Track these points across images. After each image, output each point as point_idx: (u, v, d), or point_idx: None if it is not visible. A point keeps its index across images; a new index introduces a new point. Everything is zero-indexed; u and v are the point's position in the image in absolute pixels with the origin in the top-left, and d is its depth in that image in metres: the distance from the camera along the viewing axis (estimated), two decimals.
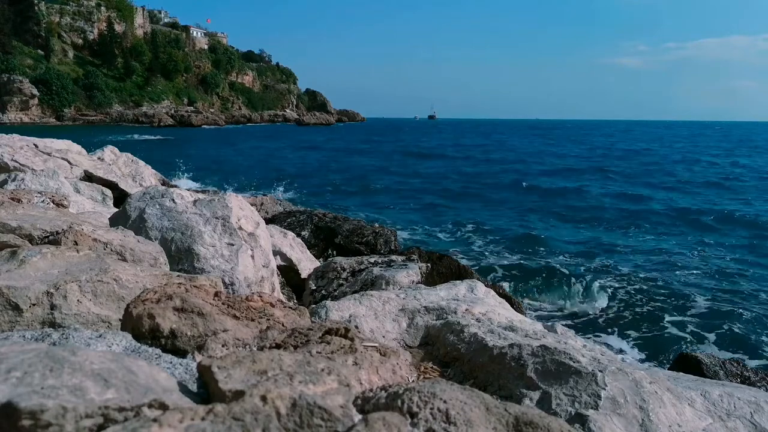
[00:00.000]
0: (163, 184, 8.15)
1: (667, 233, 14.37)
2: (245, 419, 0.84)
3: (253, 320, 1.56)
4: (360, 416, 0.94)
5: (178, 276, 2.01)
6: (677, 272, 10.66)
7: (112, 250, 2.24)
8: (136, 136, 46.14)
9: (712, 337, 7.66)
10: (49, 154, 6.23)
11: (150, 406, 0.87)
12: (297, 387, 0.98)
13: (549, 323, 6.38)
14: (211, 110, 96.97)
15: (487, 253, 11.98)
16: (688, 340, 7.53)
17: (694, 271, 10.77)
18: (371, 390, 1.14)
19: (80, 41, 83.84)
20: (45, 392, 0.82)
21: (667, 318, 8.25)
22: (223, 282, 2.74)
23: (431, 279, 4.50)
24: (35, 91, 69.32)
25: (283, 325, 1.58)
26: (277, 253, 4.73)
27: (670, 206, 18.64)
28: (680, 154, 45.22)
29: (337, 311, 2.62)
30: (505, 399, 1.87)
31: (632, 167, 32.67)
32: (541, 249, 12.32)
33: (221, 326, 1.46)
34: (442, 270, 4.89)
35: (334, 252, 6.82)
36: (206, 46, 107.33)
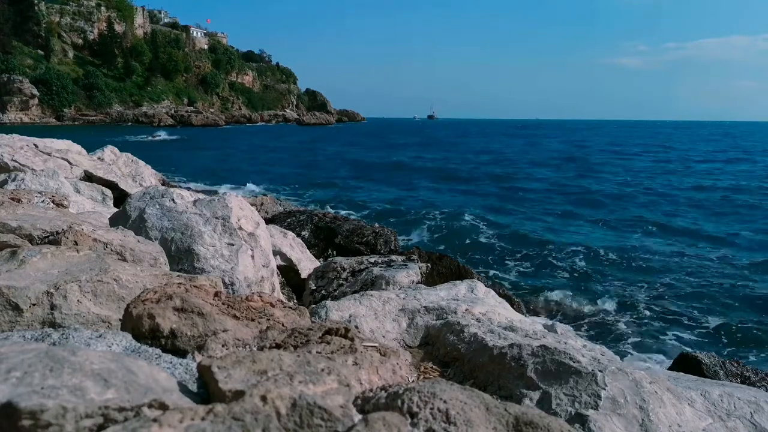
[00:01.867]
0: (163, 184, 8.15)
1: (665, 233, 14.38)
2: (245, 419, 0.84)
3: (253, 320, 1.56)
4: (360, 416, 0.94)
5: (178, 276, 2.01)
6: (676, 273, 10.66)
7: (112, 250, 2.24)
8: (134, 137, 46.09)
9: (712, 337, 7.67)
10: (49, 154, 6.23)
11: (150, 406, 0.87)
12: (297, 387, 0.98)
13: (549, 323, 6.38)
14: (211, 110, 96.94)
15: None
16: (688, 340, 7.53)
17: (693, 271, 10.77)
18: (371, 390, 1.14)
19: (80, 41, 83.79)
20: (45, 392, 0.82)
21: (668, 318, 8.26)
22: (223, 282, 2.74)
23: (431, 279, 4.50)
24: (35, 91, 69.29)
25: (283, 325, 1.58)
26: (277, 253, 4.73)
27: (670, 207, 18.66)
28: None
29: (337, 311, 2.62)
30: (505, 399, 1.87)
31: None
32: (537, 249, 12.32)
33: (221, 326, 1.46)
34: (442, 270, 4.90)
35: (334, 252, 6.82)
36: (206, 46, 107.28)
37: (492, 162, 35.56)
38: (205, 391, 1.07)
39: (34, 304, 1.60)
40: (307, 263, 5.19)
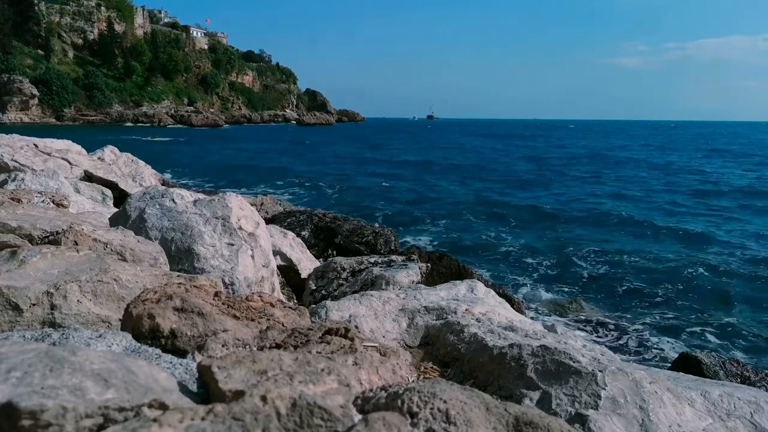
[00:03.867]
0: (163, 184, 8.15)
1: (664, 235, 14.38)
2: (245, 419, 0.84)
3: (253, 320, 1.56)
4: (360, 416, 0.94)
5: (178, 276, 2.01)
6: (676, 273, 10.66)
7: (112, 250, 2.24)
8: (135, 137, 45.97)
9: (712, 337, 7.67)
10: (49, 154, 6.23)
11: (150, 406, 0.87)
12: (297, 387, 0.98)
13: (549, 323, 6.38)
14: (211, 110, 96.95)
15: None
16: (689, 340, 7.53)
17: (693, 272, 10.77)
18: (371, 390, 1.14)
19: (80, 41, 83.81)
20: (45, 392, 0.82)
21: (668, 318, 8.26)
22: (223, 282, 2.74)
23: (431, 279, 4.50)
24: (35, 91, 69.32)
25: (283, 325, 1.58)
26: (277, 253, 4.73)
27: (658, 205, 18.66)
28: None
29: (337, 311, 2.62)
30: (505, 399, 1.87)
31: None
32: (537, 250, 12.32)
33: (221, 326, 1.46)
34: (442, 270, 4.89)
35: (334, 252, 6.82)
36: (206, 46, 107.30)
37: (492, 164, 35.56)
38: (205, 391, 1.07)
39: (34, 304, 1.60)
40: (307, 263, 5.19)
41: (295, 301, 4.47)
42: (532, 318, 6.43)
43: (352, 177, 25.55)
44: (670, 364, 5.33)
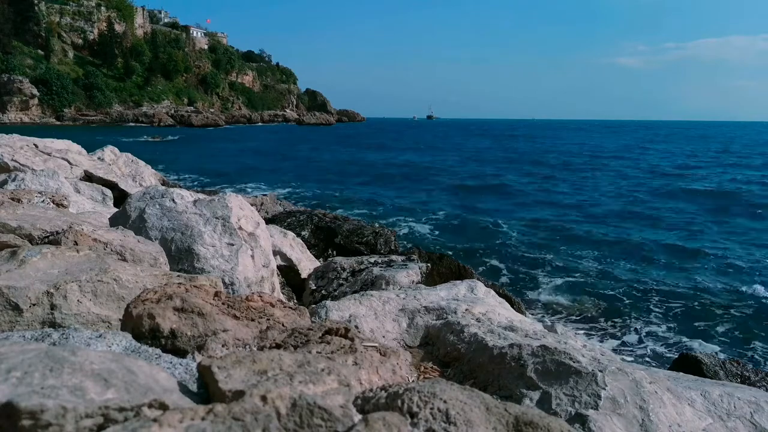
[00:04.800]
0: (163, 184, 8.16)
1: (661, 236, 14.38)
2: (245, 419, 0.84)
3: (253, 320, 1.56)
4: (360, 416, 0.94)
5: (178, 276, 2.01)
6: (676, 273, 10.66)
7: (112, 250, 2.24)
8: (135, 137, 45.93)
9: (712, 337, 7.67)
10: (49, 154, 6.23)
11: (150, 406, 0.87)
12: (297, 387, 0.98)
13: (549, 323, 6.37)
14: (211, 110, 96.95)
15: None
16: (689, 340, 7.53)
17: (693, 272, 10.77)
18: (371, 390, 1.14)
19: (80, 41, 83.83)
20: (45, 392, 0.82)
21: (668, 318, 8.26)
22: (223, 282, 2.74)
23: (431, 279, 4.50)
24: (35, 91, 69.36)
25: (283, 325, 1.58)
26: (277, 253, 4.73)
27: (657, 207, 18.66)
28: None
29: (337, 311, 2.62)
30: (505, 399, 1.87)
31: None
32: (538, 249, 12.32)
33: (221, 326, 1.46)
34: (442, 270, 4.89)
35: (334, 252, 6.82)
36: (206, 46, 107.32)
37: (486, 163, 35.58)
38: (205, 391, 1.07)
39: (34, 304, 1.60)
40: (307, 263, 5.19)
41: (295, 301, 4.47)
42: (532, 318, 6.42)
43: (351, 176, 25.55)
44: (670, 364, 5.33)
